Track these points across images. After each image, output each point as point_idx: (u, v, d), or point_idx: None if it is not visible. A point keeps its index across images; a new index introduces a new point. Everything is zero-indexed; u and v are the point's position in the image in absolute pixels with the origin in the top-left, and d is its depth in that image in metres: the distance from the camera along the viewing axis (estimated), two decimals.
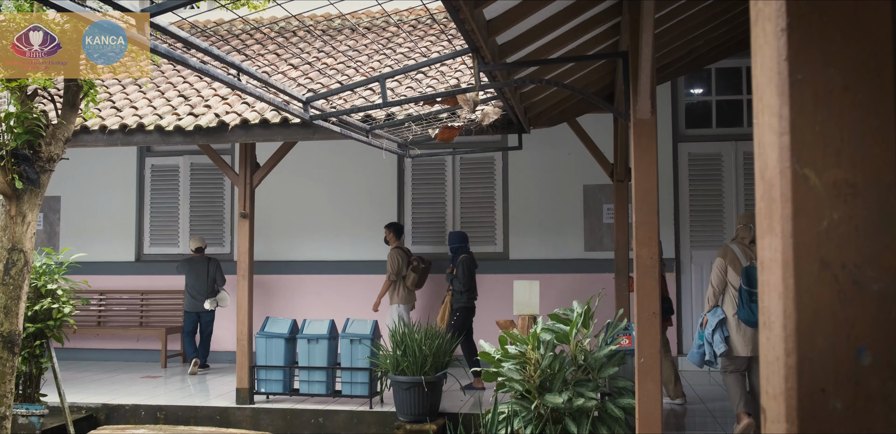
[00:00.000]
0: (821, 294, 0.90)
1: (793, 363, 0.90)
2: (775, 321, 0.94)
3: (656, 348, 4.15)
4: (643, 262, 4.15)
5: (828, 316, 0.90)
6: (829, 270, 0.90)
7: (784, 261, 0.92)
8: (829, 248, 0.90)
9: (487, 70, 4.46)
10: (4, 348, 4.43)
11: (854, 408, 0.89)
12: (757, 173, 1.00)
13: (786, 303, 0.91)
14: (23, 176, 4.41)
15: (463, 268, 8.32)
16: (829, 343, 0.90)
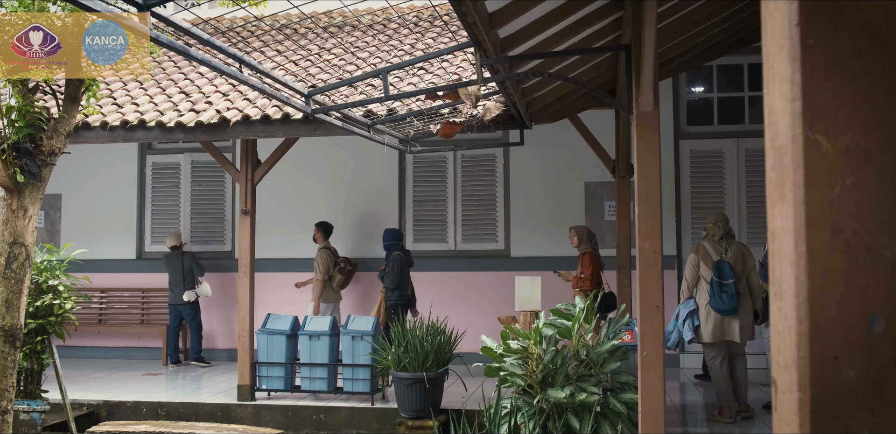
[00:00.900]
0: (833, 261, 0.89)
1: (805, 331, 0.89)
2: (787, 290, 0.93)
3: (659, 342, 4.14)
4: (646, 256, 4.14)
5: (840, 283, 0.89)
6: (841, 237, 0.89)
7: (796, 228, 0.91)
8: (841, 215, 0.89)
9: (489, 63, 4.45)
10: (6, 342, 4.42)
11: (867, 376, 0.88)
12: (767, 143, 0.99)
13: (798, 270, 0.90)
14: (24, 169, 4.41)
15: (394, 265, 8.38)
16: (842, 311, 0.89)
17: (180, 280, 9.69)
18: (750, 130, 9.64)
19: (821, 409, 0.88)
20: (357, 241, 10.15)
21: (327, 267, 9.06)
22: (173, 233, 9.96)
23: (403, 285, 8.46)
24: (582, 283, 7.56)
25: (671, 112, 9.52)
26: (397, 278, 8.32)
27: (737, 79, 9.88)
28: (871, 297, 0.89)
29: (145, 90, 8.25)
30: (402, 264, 8.43)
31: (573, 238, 7.85)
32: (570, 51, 4.86)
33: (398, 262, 8.40)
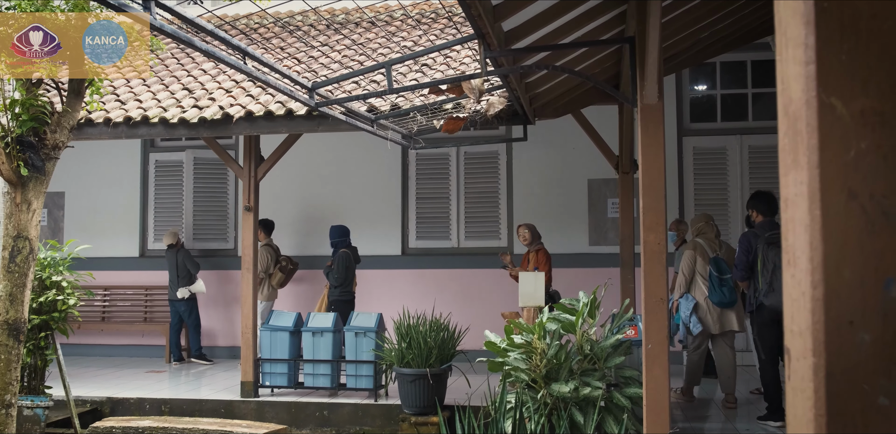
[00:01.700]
0: (848, 225, 0.88)
1: (820, 296, 0.88)
2: (801, 256, 0.92)
3: (664, 334, 4.13)
4: (651, 248, 4.13)
5: (855, 247, 0.88)
6: (856, 201, 0.89)
7: (810, 192, 0.90)
8: (856, 179, 0.89)
9: (493, 56, 4.44)
10: (10, 336, 4.42)
11: (882, 340, 0.87)
12: (780, 110, 0.98)
13: (812, 235, 0.89)
14: (28, 163, 4.41)
15: (339, 262, 8.47)
16: (857, 275, 0.88)
17: (175, 277, 9.70)
18: (753, 127, 9.63)
19: (836, 374, 0.87)
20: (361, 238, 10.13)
21: (266, 264, 9.11)
22: (170, 231, 9.96)
23: (348, 282, 8.62)
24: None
25: (675, 109, 9.51)
26: (342, 275, 8.44)
27: (740, 76, 9.87)
28: (887, 261, 0.88)
29: (148, 87, 8.25)
30: (347, 261, 8.56)
31: (525, 235, 7.98)
32: (573, 43, 4.86)
33: (343, 260, 8.51)
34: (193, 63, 9.14)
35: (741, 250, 6.58)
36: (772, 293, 6.17)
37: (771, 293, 6.18)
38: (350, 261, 8.62)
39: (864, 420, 0.87)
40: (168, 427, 5.67)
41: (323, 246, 10.22)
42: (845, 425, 0.87)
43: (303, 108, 6.95)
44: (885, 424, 0.87)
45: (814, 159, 0.90)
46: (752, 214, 6.80)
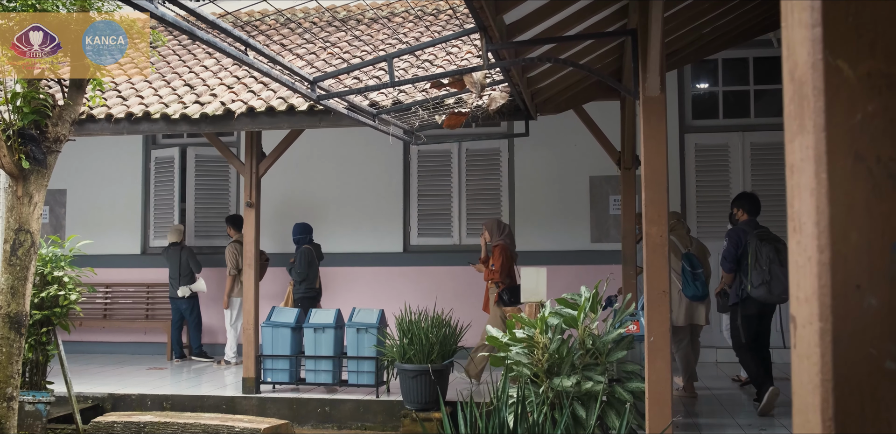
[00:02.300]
0: (855, 188, 0.88)
1: (826, 260, 0.88)
2: (806, 221, 0.91)
3: (666, 327, 4.13)
4: (653, 241, 4.12)
5: (862, 211, 0.87)
6: (863, 164, 0.88)
7: (816, 156, 0.89)
8: (863, 142, 0.88)
9: (495, 49, 4.43)
10: (11, 329, 4.42)
11: (890, 304, 0.87)
12: (786, 76, 0.97)
13: (818, 199, 0.89)
14: (29, 156, 4.40)
15: (301, 259, 8.52)
16: (864, 238, 0.87)
17: (177, 275, 9.69)
18: (755, 124, 9.62)
19: (843, 338, 0.86)
20: (363, 235, 10.13)
21: (235, 261, 9.12)
22: (175, 228, 9.95)
23: (311, 278, 8.68)
24: (492, 275, 7.72)
25: (676, 106, 9.50)
26: (304, 271, 8.49)
27: (742, 72, 9.86)
28: (894, 225, 0.87)
29: (150, 83, 8.25)
30: (309, 258, 8.61)
31: (485, 233, 8.02)
32: (575, 36, 4.85)
33: (305, 256, 8.58)
34: (195, 60, 9.14)
35: (731, 244, 6.87)
36: (763, 286, 6.52)
37: (762, 286, 6.53)
38: (312, 257, 8.69)
39: (871, 384, 0.86)
40: (170, 422, 5.67)
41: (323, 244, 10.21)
42: (851, 390, 0.86)
43: (304, 103, 6.95)
44: (891, 388, 0.86)
45: (820, 122, 0.89)
46: (738, 213, 7.13)
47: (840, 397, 0.87)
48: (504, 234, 7.88)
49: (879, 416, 0.86)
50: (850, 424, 0.87)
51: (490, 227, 7.95)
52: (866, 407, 0.86)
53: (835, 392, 0.87)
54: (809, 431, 0.90)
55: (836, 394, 0.87)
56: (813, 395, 0.89)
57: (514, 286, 7.60)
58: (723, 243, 7.10)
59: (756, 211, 7.04)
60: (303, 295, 8.60)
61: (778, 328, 7.50)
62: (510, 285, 7.67)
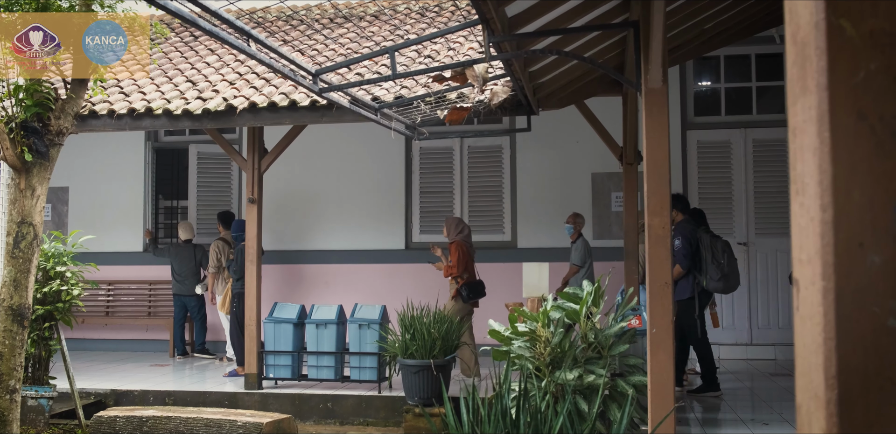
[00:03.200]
0: (857, 147, 0.88)
1: (829, 219, 0.88)
2: (809, 181, 0.91)
3: (669, 319, 4.13)
4: (655, 232, 4.12)
5: (865, 169, 0.88)
6: (865, 122, 0.88)
7: (819, 115, 0.89)
8: (866, 100, 0.88)
9: (497, 41, 4.44)
10: (14, 321, 4.42)
11: (893, 262, 0.87)
12: (788, 39, 0.97)
13: (821, 158, 0.89)
14: (32, 149, 4.41)
15: (239, 256, 8.54)
16: (867, 197, 0.87)
17: (190, 272, 9.67)
18: (757, 121, 9.61)
19: (846, 296, 0.86)
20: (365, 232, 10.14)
21: (217, 259, 9.17)
22: (187, 224, 9.93)
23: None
24: (451, 271, 7.92)
25: (679, 102, 9.49)
26: (240, 268, 8.47)
27: (744, 69, 9.85)
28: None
29: (152, 79, 8.25)
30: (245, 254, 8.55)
31: (444, 230, 8.17)
32: (577, 28, 4.85)
33: (243, 253, 8.54)
34: (197, 56, 9.14)
35: (686, 241, 7.07)
36: (722, 279, 6.95)
37: (721, 279, 6.94)
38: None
39: (874, 342, 0.86)
40: (172, 416, 5.67)
41: (325, 241, 10.23)
42: (855, 348, 0.86)
43: (307, 99, 6.95)
44: (894, 346, 0.86)
45: (822, 82, 0.89)
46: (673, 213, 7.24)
47: (843, 356, 0.87)
48: (461, 231, 8.07)
49: (883, 373, 0.86)
50: (853, 382, 0.87)
51: (448, 224, 8.15)
52: (869, 365, 0.86)
53: (838, 350, 0.87)
54: (813, 392, 0.90)
55: (839, 352, 0.87)
56: (816, 355, 0.89)
57: (472, 282, 7.89)
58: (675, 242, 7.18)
59: (689, 210, 7.40)
60: (240, 291, 8.53)
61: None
62: (469, 281, 7.89)
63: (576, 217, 8.51)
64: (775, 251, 9.37)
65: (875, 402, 0.86)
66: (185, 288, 9.67)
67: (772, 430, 5.75)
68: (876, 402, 0.86)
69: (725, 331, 9.47)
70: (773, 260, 9.41)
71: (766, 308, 9.37)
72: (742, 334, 9.43)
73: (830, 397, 0.86)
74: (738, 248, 9.47)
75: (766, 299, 9.40)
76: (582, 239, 8.41)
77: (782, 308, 9.31)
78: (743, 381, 7.89)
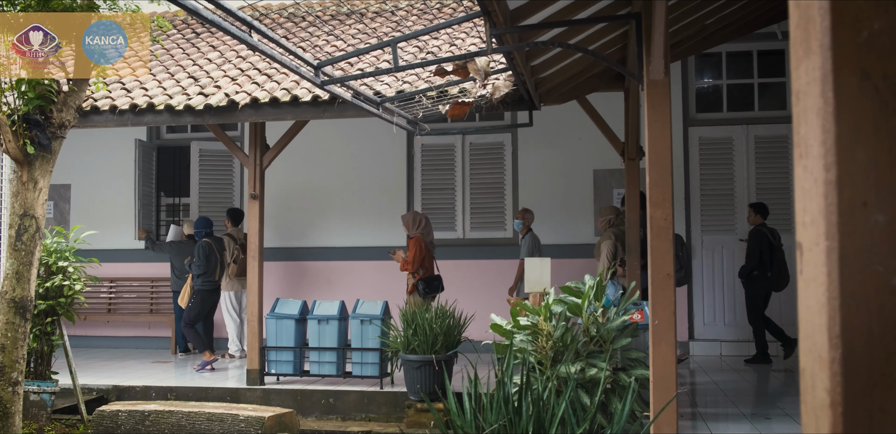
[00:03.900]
0: (861, 106, 0.88)
1: (833, 178, 0.88)
2: (812, 143, 0.91)
3: (671, 310, 4.13)
4: (657, 224, 4.12)
5: (869, 129, 0.87)
6: (869, 82, 0.88)
7: (823, 76, 0.89)
8: (870, 59, 0.88)
9: (498, 33, 4.44)
10: (16, 314, 4.42)
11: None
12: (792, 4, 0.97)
13: (825, 118, 0.89)
14: (34, 141, 4.41)
15: (199, 252, 8.70)
16: (871, 156, 0.87)
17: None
18: (759, 117, 9.61)
19: (849, 256, 0.86)
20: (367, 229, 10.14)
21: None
22: (189, 221, 9.94)
23: (210, 272, 8.79)
24: (406, 266, 8.11)
25: (680, 98, 9.49)
26: (202, 264, 8.63)
27: (746, 66, 9.85)
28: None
29: (154, 75, 8.26)
30: (207, 251, 8.74)
31: (404, 227, 8.34)
32: (578, 20, 4.85)
33: (203, 250, 8.74)
34: (199, 53, 9.15)
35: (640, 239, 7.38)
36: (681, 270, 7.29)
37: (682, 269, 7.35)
38: (210, 250, 8.79)
39: (878, 302, 0.86)
40: (174, 410, 5.68)
41: (327, 238, 10.23)
42: (859, 307, 0.86)
43: (308, 94, 6.95)
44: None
45: (826, 42, 0.89)
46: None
47: (846, 315, 0.86)
48: (420, 226, 8.22)
49: (887, 333, 0.86)
50: (857, 342, 0.86)
51: (406, 220, 8.30)
52: (873, 324, 0.86)
53: (841, 310, 0.86)
54: (816, 353, 0.90)
55: (842, 312, 0.86)
56: (819, 316, 0.89)
57: (429, 277, 8.11)
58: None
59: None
60: (199, 287, 8.77)
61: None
62: (425, 276, 8.08)
63: (525, 213, 8.65)
64: None
65: (879, 362, 0.86)
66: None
67: (774, 425, 5.74)
68: (880, 362, 0.86)
69: (727, 327, 9.47)
70: None
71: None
72: (744, 331, 9.41)
73: (834, 357, 0.86)
74: (740, 244, 9.47)
75: None
76: (531, 234, 8.56)
77: (783, 304, 9.30)
78: (745, 376, 7.88)
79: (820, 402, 0.88)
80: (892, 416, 0.86)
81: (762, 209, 8.53)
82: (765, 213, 8.51)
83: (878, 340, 0.85)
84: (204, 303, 8.86)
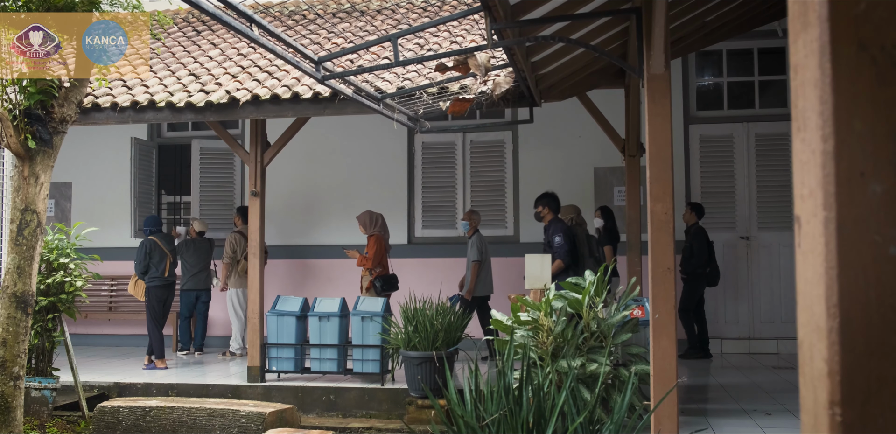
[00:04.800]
0: (859, 77, 0.88)
1: (830, 149, 0.88)
2: (811, 115, 0.92)
3: (671, 304, 4.13)
4: (658, 218, 4.13)
5: (866, 99, 0.88)
6: (866, 52, 0.88)
7: (821, 47, 0.89)
8: (867, 31, 0.88)
9: (499, 28, 4.44)
10: (18, 308, 4.43)
11: (894, 190, 0.87)
12: None
13: (822, 89, 0.89)
14: (36, 136, 4.42)
15: (138, 250, 8.80)
16: (868, 126, 0.88)
17: (205, 266, 9.58)
18: (760, 115, 9.61)
19: (847, 226, 0.87)
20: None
21: (233, 250, 9.26)
22: (200, 220, 9.90)
23: (155, 268, 8.80)
24: (365, 263, 8.27)
25: (681, 96, 9.50)
26: (139, 262, 8.75)
27: (747, 63, 9.85)
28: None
29: (155, 73, 8.27)
30: (147, 249, 8.80)
31: (360, 226, 8.51)
32: (579, 14, 4.85)
33: (143, 247, 8.82)
34: (200, 50, 9.16)
35: (565, 237, 7.64)
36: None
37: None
38: (153, 247, 8.81)
39: (876, 271, 0.86)
40: (175, 406, 5.68)
41: (328, 236, 10.23)
42: (856, 276, 0.86)
43: (309, 91, 6.96)
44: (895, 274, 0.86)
45: (823, 13, 0.89)
46: (544, 211, 7.97)
47: (844, 285, 0.87)
48: (377, 225, 8.41)
49: (884, 301, 0.87)
50: (854, 311, 0.87)
51: (363, 219, 8.46)
52: (871, 293, 0.87)
53: (839, 279, 0.87)
54: (814, 324, 0.90)
55: (840, 281, 0.87)
56: (817, 287, 0.90)
57: (385, 275, 8.34)
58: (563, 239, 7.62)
59: (559, 209, 8.01)
60: (148, 284, 8.78)
61: None
62: (382, 274, 8.28)
63: (471, 214, 8.74)
64: (777, 245, 9.36)
65: (877, 331, 0.86)
66: (201, 281, 9.56)
67: (774, 420, 5.75)
68: (877, 331, 0.86)
69: (728, 325, 9.47)
70: (775, 254, 9.40)
71: (769, 302, 9.37)
72: (744, 328, 9.43)
73: (832, 326, 0.86)
74: (740, 242, 9.48)
75: (768, 293, 9.39)
76: (478, 235, 8.62)
77: (784, 302, 9.31)
78: (746, 373, 7.89)
79: (818, 373, 0.88)
80: (889, 384, 0.86)
81: (698, 209, 8.85)
82: (700, 213, 8.85)
83: (875, 309, 0.86)
84: (156, 300, 8.74)
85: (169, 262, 8.85)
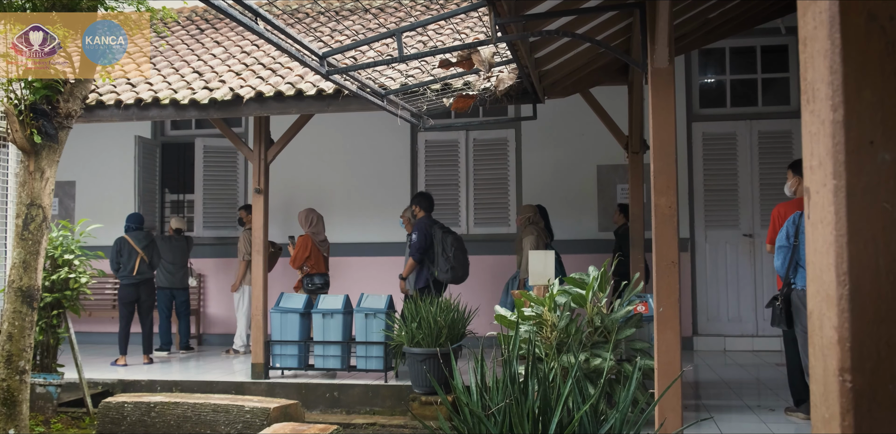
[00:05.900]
0: (868, 47, 0.89)
1: (840, 118, 0.89)
2: (820, 86, 0.93)
3: (675, 297, 4.13)
4: (661, 212, 4.13)
5: (875, 69, 0.89)
6: (875, 23, 0.89)
7: (830, 18, 0.90)
8: (875, 1, 0.89)
9: (502, 23, 4.45)
10: (24, 302, 4.44)
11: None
12: None
13: (832, 60, 0.90)
14: (41, 131, 4.43)
15: (112, 248, 8.85)
16: (878, 95, 0.89)
17: (183, 264, 9.57)
18: (763, 112, 9.61)
19: (857, 194, 0.88)
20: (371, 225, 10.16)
21: (248, 248, 9.21)
22: (177, 217, 9.91)
23: (124, 267, 8.85)
24: (291, 262, 8.79)
25: (684, 94, 9.49)
26: (112, 260, 8.80)
27: (750, 61, 9.85)
28: None
29: (159, 71, 8.29)
30: (118, 247, 8.87)
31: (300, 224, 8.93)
32: (582, 9, 4.86)
33: (114, 245, 8.91)
34: (203, 48, 9.18)
35: (422, 236, 7.89)
36: (450, 271, 7.86)
37: (449, 271, 7.86)
38: (122, 246, 8.85)
39: (885, 238, 0.87)
40: (180, 402, 5.69)
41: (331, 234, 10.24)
42: (866, 244, 0.87)
43: (313, 88, 6.97)
44: None
45: None
46: (416, 210, 8.23)
47: (854, 252, 0.88)
48: (311, 225, 8.78)
49: (893, 269, 0.88)
50: (864, 278, 0.88)
51: (300, 218, 8.84)
52: (881, 260, 0.88)
53: (849, 247, 0.88)
54: (824, 293, 0.91)
55: (850, 249, 0.88)
56: (827, 255, 0.91)
57: (315, 274, 8.71)
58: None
59: (432, 207, 8.24)
60: (119, 282, 8.84)
61: None
62: (311, 273, 8.69)
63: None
64: None
65: (886, 298, 0.87)
66: (177, 279, 9.48)
67: (777, 416, 5.75)
68: (887, 298, 0.87)
69: (731, 322, 9.47)
70: None
71: None
72: (748, 326, 9.43)
73: (842, 294, 0.87)
74: (744, 239, 9.48)
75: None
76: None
77: None
78: (749, 370, 7.89)
79: (828, 341, 0.89)
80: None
81: (626, 210, 8.72)
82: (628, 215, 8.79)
83: (885, 277, 0.86)
84: (124, 298, 8.79)
85: (139, 260, 8.81)
